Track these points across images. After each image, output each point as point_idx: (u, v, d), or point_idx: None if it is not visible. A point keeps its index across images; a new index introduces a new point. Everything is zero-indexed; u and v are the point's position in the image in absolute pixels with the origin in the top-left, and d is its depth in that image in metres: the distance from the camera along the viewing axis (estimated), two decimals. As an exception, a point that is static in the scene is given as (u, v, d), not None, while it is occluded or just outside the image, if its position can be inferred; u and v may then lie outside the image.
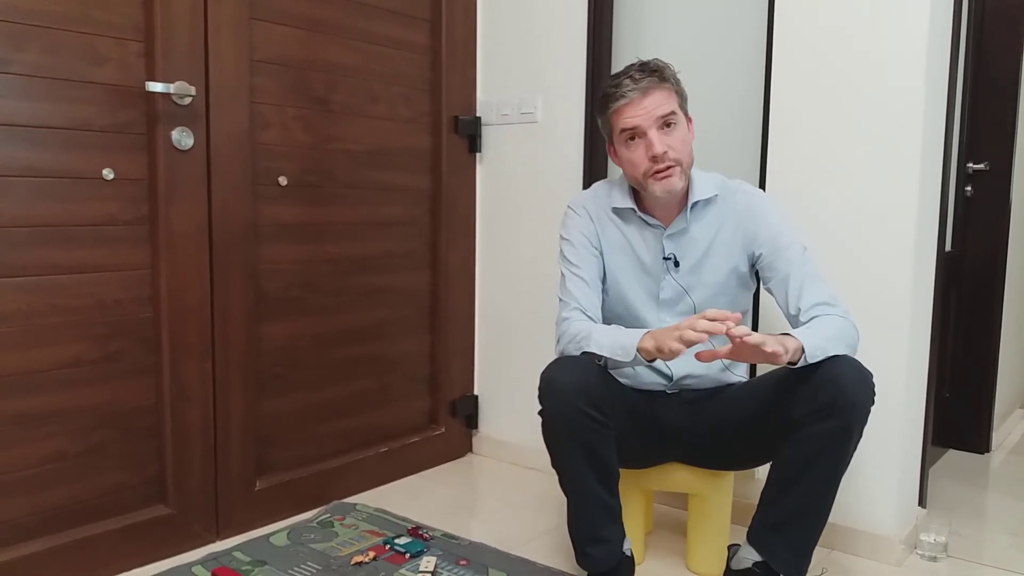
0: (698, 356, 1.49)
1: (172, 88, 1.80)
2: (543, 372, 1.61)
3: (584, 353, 1.63)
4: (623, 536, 1.69)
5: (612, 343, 1.60)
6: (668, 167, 1.64)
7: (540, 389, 1.61)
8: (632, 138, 1.66)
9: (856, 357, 1.58)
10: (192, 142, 1.87)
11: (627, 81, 1.64)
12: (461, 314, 2.65)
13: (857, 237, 1.92)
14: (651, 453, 1.81)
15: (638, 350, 1.56)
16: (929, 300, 1.99)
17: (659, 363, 1.75)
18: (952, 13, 1.94)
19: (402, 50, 2.38)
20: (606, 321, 1.80)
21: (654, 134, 1.63)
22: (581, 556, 1.69)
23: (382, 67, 2.32)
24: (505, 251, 2.62)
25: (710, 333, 1.44)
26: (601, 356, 1.62)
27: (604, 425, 1.58)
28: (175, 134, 1.84)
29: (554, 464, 1.65)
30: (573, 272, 1.77)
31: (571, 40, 2.40)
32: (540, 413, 1.62)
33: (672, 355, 1.49)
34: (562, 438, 1.61)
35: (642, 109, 1.63)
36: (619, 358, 1.59)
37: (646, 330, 1.59)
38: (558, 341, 1.73)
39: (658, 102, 1.63)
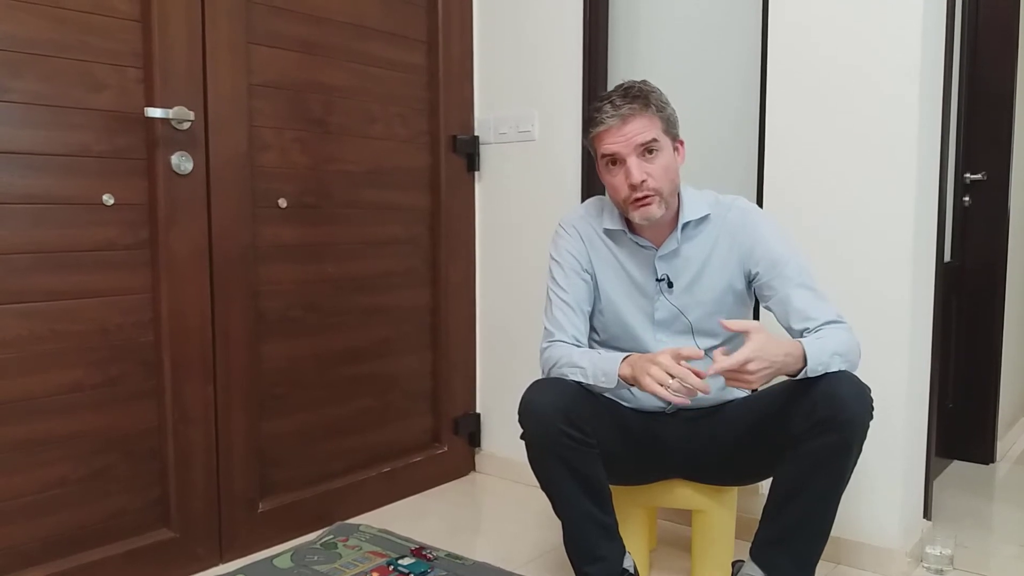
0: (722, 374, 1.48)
1: (171, 113, 1.81)
2: (522, 395, 1.61)
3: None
4: (622, 552, 1.68)
5: (594, 369, 1.61)
6: (646, 196, 1.62)
7: (519, 413, 1.61)
8: (613, 163, 1.65)
9: (856, 372, 1.58)
10: (191, 166, 1.88)
11: (607, 107, 1.61)
12: (462, 332, 2.65)
13: (855, 249, 1.93)
14: (651, 470, 1.80)
15: (620, 376, 1.57)
16: (929, 311, 1.99)
17: None
18: (945, 23, 1.96)
19: (399, 71, 2.39)
20: (604, 342, 1.80)
21: (633, 162, 1.61)
22: None
23: (379, 88, 2.34)
24: (505, 268, 2.63)
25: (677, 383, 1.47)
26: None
27: (585, 444, 1.58)
28: (175, 159, 1.85)
29: (543, 487, 1.65)
30: (560, 296, 1.77)
31: (567, 57, 2.41)
32: (522, 437, 1.62)
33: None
34: (546, 460, 1.61)
35: (621, 136, 1.61)
36: (602, 384, 1.60)
37: (625, 355, 1.60)
38: (542, 368, 1.73)
39: (638, 129, 1.61)
